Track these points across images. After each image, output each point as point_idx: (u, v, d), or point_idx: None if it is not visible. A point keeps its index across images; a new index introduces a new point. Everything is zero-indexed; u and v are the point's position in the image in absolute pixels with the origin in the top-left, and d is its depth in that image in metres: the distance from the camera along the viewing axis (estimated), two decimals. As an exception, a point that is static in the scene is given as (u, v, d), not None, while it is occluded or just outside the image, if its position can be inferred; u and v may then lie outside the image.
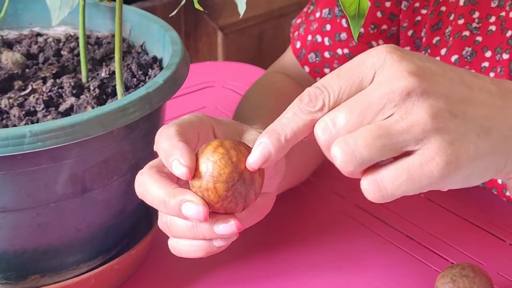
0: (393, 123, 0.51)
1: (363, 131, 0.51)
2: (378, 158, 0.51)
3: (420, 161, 0.50)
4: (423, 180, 0.50)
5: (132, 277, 0.74)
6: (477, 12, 0.84)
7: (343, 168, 0.51)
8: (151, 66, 0.74)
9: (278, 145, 0.53)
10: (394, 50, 0.53)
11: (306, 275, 0.74)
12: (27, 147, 0.57)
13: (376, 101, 0.51)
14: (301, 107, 0.53)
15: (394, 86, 0.51)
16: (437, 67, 0.53)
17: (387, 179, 0.51)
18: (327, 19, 0.93)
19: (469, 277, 0.65)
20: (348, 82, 0.53)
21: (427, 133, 0.50)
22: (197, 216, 0.55)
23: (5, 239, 0.64)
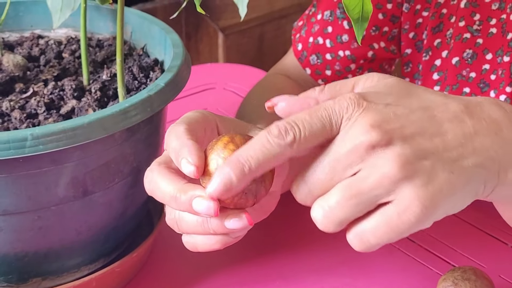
0: (362, 180, 0.51)
1: (335, 193, 0.52)
2: (354, 216, 0.52)
3: (397, 211, 0.51)
4: (402, 228, 0.51)
5: (133, 280, 0.74)
6: (478, 15, 0.84)
7: (324, 230, 0.54)
8: (153, 68, 0.74)
9: (240, 175, 0.52)
10: (360, 99, 0.53)
11: (306, 279, 0.74)
12: (29, 150, 0.57)
13: (343, 158, 0.52)
14: (270, 139, 0.53)
15: (357, 141, 0.51)
16: (403, 110, 0.53)
17: (368, 232, 0.52)
18: (329, 21, 0.93)
19: (471, 280, 0.65)
20: (319, 122, 0.53)
21: (397, 183, 0.51)
22: (207, 211, 0.54)
23: (7, 242, 0.64)
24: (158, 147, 0.72)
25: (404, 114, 0.53)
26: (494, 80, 0.83)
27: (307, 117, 0.53)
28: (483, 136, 0.54)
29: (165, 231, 0.78)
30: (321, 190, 0.53)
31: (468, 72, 0.85)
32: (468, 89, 0.85)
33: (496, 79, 0.83)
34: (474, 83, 0.85)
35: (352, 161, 0.52)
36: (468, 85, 0.85)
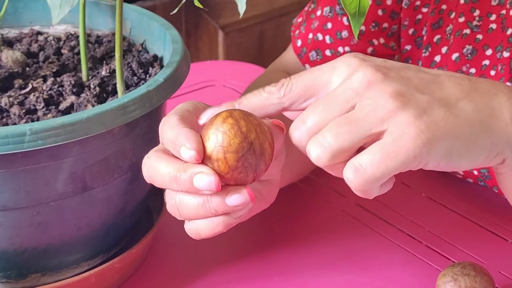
0: (356, 111, 0.53)
1: (330, 124, 0.53)
2: (347, 145, 0.52)
3: (392, 137, 0.52)
4: (400, 154, 0.51)
5: (133, 276, 0.74)
6: (477, 10, 0.84)
7: (317, 162, 0.53)
8: (152, 64, 0.74)
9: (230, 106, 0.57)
10: (357, 54, 0.56)
11: (307, 274, 0.74)
12: (27, 145, 0.57)
13: (338, 94, 0.54)
14: (265, 87, 0.58)
15: (354, 78, 0.54)
16: (400, 65, 0.56)
17: (365, 162, 0.52)
18: (328, 17, 0.93)
19: (470, 275, 0.65)
20: (309, 74, 0.57)
21: (391, 111, 0.52)
22: (209, 186, 0.54)
23: (5, 237, 0.64)
24: (157, 143, 0.71)
25: (401, 66, 0.55)
26: (494, 76, 0.83)
27: (300, 72, 0.58)
28: (482, 92, 0.55)
29: (165, 227, 0.78)
30: (317, 127, 0.54)
31: (468, 68, 0.85)
32: None
33: (495, 75, 0.83)
34: None
35: (348, 96, 0.53)
36: None
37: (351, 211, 0.83)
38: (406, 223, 0.81)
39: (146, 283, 0.73)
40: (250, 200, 0.56)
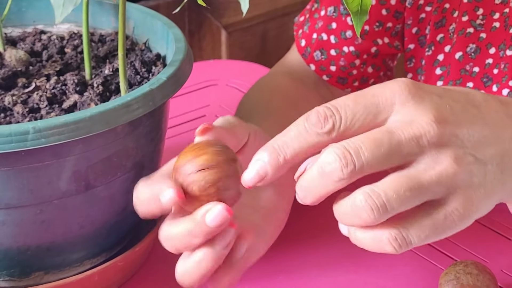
0: (421, 173, 0.49)
1: (392, 182, 0.49)
2: (405, 208, 0.49)
3: (445, 213, 0.50)
4: (447, 231, 0.50)
5: (136, 274, 0.74)
6: (481, 9, 0.84)
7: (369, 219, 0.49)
8: (155, 63, 0.74)
9: (276, 165, 0.50)
10: (413, 86, 0.51)
11: (310, 273, 0.74)
12: (31, 144, 0.57)
13: (404, 142, 0.49)
14: (307, 127, 0.50)
15: (424, 130, 0.49)
16: (456, 105, 0.52)
17: (413, 233, 0.50)
18: (333, 17, 0.93)
19: (472, 274, 0.65)
20: (364, 110, 0.50)
21: (454, 182, 0.49)
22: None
23: (9, 235, 0.64)
24: (161, 141, 0.72)
25: (458, 110, 0.51)
26: (497, 74, 0.83)
27: (350, 103, 0.50)
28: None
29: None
30: (371, 168, 0.49)
31: (472, 67, 0.85)
32: (471, 83, 0.85)
33: (498, 73, 0.83)
34: (477, 78, 0.85)
35: (413, 149, 0.49)
36: (472, 80, 0.85)
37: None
38: (408, 222, 0.81)
39: (149, 282, 0.73)
40: (228, 214, 0.54)
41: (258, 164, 0.51)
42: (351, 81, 0.95)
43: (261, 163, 0.51)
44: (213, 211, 0.54)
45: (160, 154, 0.73)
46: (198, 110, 1.05)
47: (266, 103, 0.87)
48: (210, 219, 0.54)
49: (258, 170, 0.51)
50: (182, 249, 0.58)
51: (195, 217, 0.55)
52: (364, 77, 0.95)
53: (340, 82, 0.95)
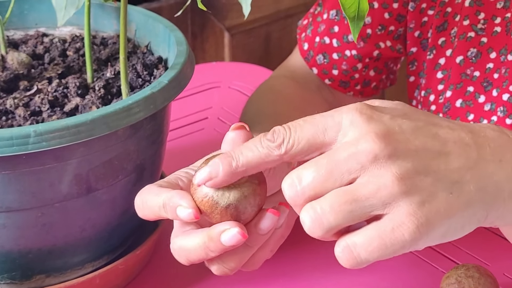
0: (359, 188, 0.50)
1: (329, 197, 0.50)
2: (345, 223, 0.51)
3: (391, 226, 0.50)
4: (396, 244, 0.50)
5: (138, 277, 0.74)
6: (482, 13, 0.84)
7: (310, 233, 0.52)
8: (156, 66, 0.74)
9: (228, 169, 0.54)
10: (364, 109, 0.52)
11: (312, 275, 0.74)
12: (32, 147, 0.57)
13: (342, 161, 0.50)
14: (262, 140, 0.53)
15: (360, 147, 0.50)
16: (409, 124, 0.52)
17: (359, 246, 0.50)
18: (335, 20, 0.93)
19: (474, 277, 0.65)
20: (312, 128, 0.52)
21: (394, 196, 0.50)
22: (188, 217, 0.56)
23: (10, 239, 0.64)
24: (162, 145, 0.72)
25: (410, 128, 0.52)
26: (497, 79, 0.83)
27: (301, 122, 0.53)
28: (487, 162, 0.53)
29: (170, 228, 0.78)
30: (314, 191, 0.51)
31: (472, 71, 0.85)
32: (472, 88, 0.85)
33: (499, 78, 0.83)
34: (478, 82, 0.84)
35: (351, 167, 0.50)
36: (472, 84, 0.85)
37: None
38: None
39: (151, 285, 0.73)
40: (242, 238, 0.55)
41: (213, 166, 0.54)
42: (353, 84, 0.95)
43: (215, 165, 0.54)
44: (229, 233, 0.55)
45: (161, 157, 0.73)
46: (201, 113, 1.05)
47: (271, 109, 0.87)
48: (225, 239, 0.56)
49: (210, 171, 0.54)
50: (196, 261, 0.59)
51: (211, 235, 0.56)
52: (366, 80, 0.95)
53: (342, 86, 0.95)
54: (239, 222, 0.56)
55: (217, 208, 0.56)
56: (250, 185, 0.56)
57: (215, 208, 0.56)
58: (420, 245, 0.51)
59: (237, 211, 0.56)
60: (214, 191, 0.55)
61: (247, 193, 0.56)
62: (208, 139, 0.98)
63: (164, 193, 0.58)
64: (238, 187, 0.56)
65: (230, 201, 0.55)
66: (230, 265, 0.60)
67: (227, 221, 0.56)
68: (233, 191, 0.56)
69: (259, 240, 0.59)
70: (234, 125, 0.60)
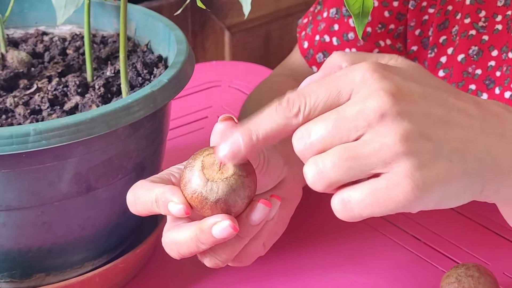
0: (362, 145, 0.50)
1: (332, 152, 0.51)
2: (345, 179, 0.51)
3: (386, 184, 0.50)
4: (389, 203, 0.50)
5: (137, 276, 0.74)
6: (483, 11, 0.84)
7: (312, 187, 0.52)
8: (156, 65, 0.74)
9: (249, 143, 0.53)
10: (376, 68, 0.52)
11: (311, 275, 0.74)
12: (32, 146, 0.57)
13: (350, 117, 0.51)
14: (278, 110, 0.53)
15: (369, 104, 0.50)
16: (418, 88, 0.52)
17: (354, 200, 0.51)
18: (335, 18, 0.93)
19: (474, 277, 0.65)
20: (326, 92, 0.52)
21: (395, 156, 0.50)
22: (179, 213, 0.56)
23: (10, 237, 0.64)
24: (162, 143, 0.72)
25: (419, 91, 0.52)
26: (499, 77, 0.83)
27: (314, 87, 0.53)
28: (489, 134, 0.53)
29: (169, 228, 0.78)
30: (322, 145, 0.52)
31: (474, 69, 0.85)
32: (474, 86, 0.85)
33: (501, 76, 0.83)
34: (480, 80, 0.84)
35: (358, 124, 0.51)
36: (474, 82, 0.85)
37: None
38: (410, 224, 0.81)
39: (150, 283, 0.73)
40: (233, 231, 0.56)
41: (232, 142, 0.54)
42: (353, 83, 0.95)
43: (236, 141, 0.54)
44: (220, 226, 0.56)
45: (161, 156, 0.73)
46: (201, 111, 1.05)
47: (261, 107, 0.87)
48: (216, 232, 0.56)
49: (232, 147, 0.54)
50: (187, 254, 0.59)
51: (202, 227, 0.56)
52: (366, 78, 0.95)
53: (342, 84, 0.95)
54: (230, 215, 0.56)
55: (207, 204, 0.56)
56: (238, 178, 0.56)
57: (205, 203, 0.56)
58: (414, 208, 0.51)
59: (227, 204, 0.56)
60: (202, 186, 0.56)
61: (236, 186, 0.56)
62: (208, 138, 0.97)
63: (156, 188, 0.58)
64: (225, 180, 0.56)
65: (219, 196, 0.56)
66: (222, 256, 0.60)
67: (218, 214, 0.56)
68: (221, 185, 0.56)
69: (251, 231, 0.59)
70: (222, 116, 0.60)
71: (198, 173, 0.56)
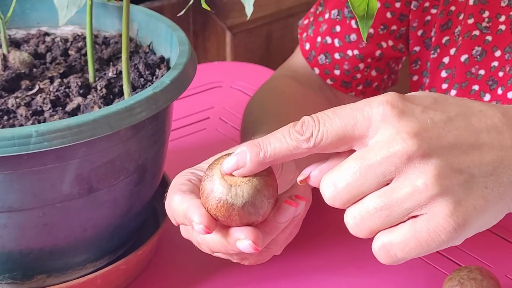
0: (395, 191, 0.50)
1: (367, 202, 0.51)
2: (384, 227, 0.51)
3: (427, 226, 0.50)
4: (432, 245, 0.50)
5: (139, 278, 0.74)
6: (487, 12, 0.84)
7: (357, 236, 0.53)
8: (159, 66, 0.74)
9: (255, 159, 0.54)
10: (395, 102, 0.51)
11: (313, 277, 0.74)
12: (33, 147, 0.57)
13: (376, 165, 0.50)
14: (291, 131, 0.53)
15: (393, 149, 0.50)
16: (442, 116, 0.52)
17: (396, 246, 0.51)
18: (337, 20, 0.92)
19: (477, 279, 0.65)
20: (341, 122, 0.52)
21: (431, 198, 0.50)
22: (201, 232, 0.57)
23: (12, 239, 0.64)
24: (164, 145, 0.72)
25: (442, 121, 0.51)
26: (502, 77, 0.83)
27: (330, 114, 0.53)
28: None
29: (171, 229, 0.78)
30: (350, 195, 0.52)
31: (477, 70, 0.85)
32: (477, 86, 0.85)
33: (504, 76, 0.83)
34: (483, 81, 0.84)
35: (386, 170, 0.50)
36: (477, 83, 0.85)
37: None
38: (412, 226, 0.81)
39: (152, 285, 0.73)
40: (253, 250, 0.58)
41: (240, 155, 0.55)
42: (355, 84, 0.94)
43: (243, 154, 0.54)
44: (243, 243, 0.57)
45: (163, 157, 0.73)
46: (202, 112, 1.05)
47: (276, 109, 0.87)
48: (241, 248, 0.58)
49: (238, 160, 0.55)
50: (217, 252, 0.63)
51: (229, 241, 0.58)
52: (368, 80, 0.94)
53: (344, 86, 0.95)
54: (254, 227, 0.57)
55: (234, 210, 0.55)
56: (260, 178, 0.56)
57: (232, 210, 0.55)
58: (457, 242, 0.52)
59: (254, 207, 0.56)
60: (226, 193, 0.55)
61: (260, 187, 0.55)
62: (210, 139, 0.98)
63: (185, 204, 0.59)
64: (249, 182, 0.55)
65: (245, 199, 0.55)
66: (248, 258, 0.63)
67: (242, 230, 0.56)
68: (245, 187, 0.55)
69: (277, 230, 0.60)
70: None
71: (219, 181, 0.55)
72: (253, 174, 0.56)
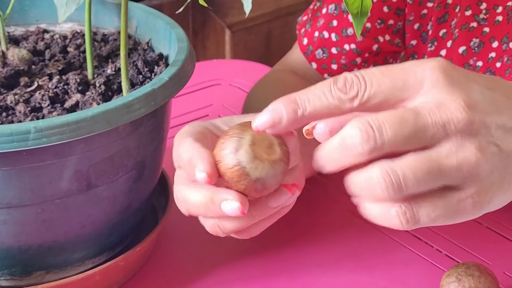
0: (443, 157, 0.48)
1: (412, 162, 0.48)
2: (420, 190, 0.49)
3: (459, 198, 0.49)
4: (457, 216, 0.50)
5: (138, 274, 0.74)
6: (484, 3, 0.84)
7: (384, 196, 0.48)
8: (157, 63, 0.74)
9: (292, 116, 0.50)
10: (447, 67, 0.50)
11: (312, 273, 0.74)
12: (32, 143, 0.57)
13: (430, 125, 0.48)
14: (332, 89, 0.49)
15: (452, 115, 0.48)
16: (488, 91, 0.51)
17: (423, 211, 0.49)
18: (334, 14, 0.93)
19: (474, 276, 0.65)
20: (390, 83, 0.49)
21: (475, 171, 0.48)
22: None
23: (10, 235, 0.64)
24: (162, 141, 0.72)
25: (490, 96, 0.50)
26: (500, 68, 0.83)
27: (378, 74, 0.49)
28: None
29: (170, 225, 0.78)
30: (393, 148, 0.48)
31: (475, 61, 0.85)
32: None
33: (501, 67, 0.83)
34: (481, 72, 0.84)
35: (437, 133, 0.48)
36: None
37: (356, 211, 0.83)
38: (411, 223, 0.81)
39: (151, 281, 0.73)
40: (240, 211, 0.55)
41: (275, 111, 0.50)
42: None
43: (278, 111, 0.50)
44: (230, 204, 0.55)
45: (161, 154, 0.73)
46: (201, 110, 1.05)
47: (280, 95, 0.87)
48: (225, 209, 0.55)
49: (274, 116, 0.50)
50: (195, 215, 0.59)
51: (213, 199, 0.55)
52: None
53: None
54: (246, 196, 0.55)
55: (245, 179, 0.54)
56: (282, 164, 0.54)
57: (243, 178, 0.54)
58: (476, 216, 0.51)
59: (263, 186, 0.54)
60: (247, 162, 0.53)
61: (279, 172, 0.54)
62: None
63: (194, 150, 0.56)
64: (273, 163, 0.53)
65: (261, 176, 0.53)
66: (225, 227, 0.58)
67: (231, 191, 0.55)
68: (267, 166, 0.53)
69: (265, 213, 0.58)
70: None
71: (247, 147, 0.53)
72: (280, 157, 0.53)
